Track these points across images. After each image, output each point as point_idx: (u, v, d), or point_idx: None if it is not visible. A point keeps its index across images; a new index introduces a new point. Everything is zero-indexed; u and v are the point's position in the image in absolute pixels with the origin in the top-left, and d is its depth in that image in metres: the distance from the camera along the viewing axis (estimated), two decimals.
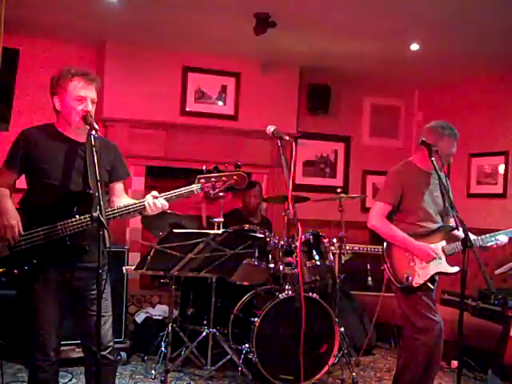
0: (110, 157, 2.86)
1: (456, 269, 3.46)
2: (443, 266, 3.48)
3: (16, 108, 4.63)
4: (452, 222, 3.58)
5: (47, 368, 2.73)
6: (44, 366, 2.73)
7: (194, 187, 2.81)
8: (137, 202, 2.76)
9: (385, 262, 3.54)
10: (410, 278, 3.42)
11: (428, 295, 3.49)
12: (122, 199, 2.90)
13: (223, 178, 2.83)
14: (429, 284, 3.45)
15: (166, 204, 2.76)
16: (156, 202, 2.73)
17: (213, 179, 2.81)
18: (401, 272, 3.47)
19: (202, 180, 2.81)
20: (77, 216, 2.65)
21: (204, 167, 2.85)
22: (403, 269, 3.47)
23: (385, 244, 3.56)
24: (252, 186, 5.29)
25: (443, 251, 3.50)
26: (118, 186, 2.95)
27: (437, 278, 3.55)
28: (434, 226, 3.54)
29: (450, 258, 3.53)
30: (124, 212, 2.74)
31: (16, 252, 2.62)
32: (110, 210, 2.72)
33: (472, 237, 3.30)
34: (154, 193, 2.77)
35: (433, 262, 3.46)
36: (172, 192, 2.79)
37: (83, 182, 2.73)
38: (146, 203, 2.73)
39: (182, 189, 2.79)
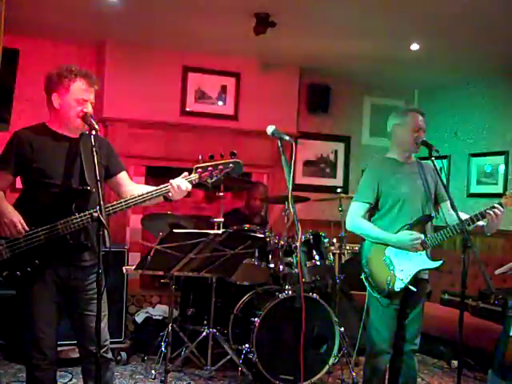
0: (104, 153, 2.85)
1: (438, 263, 3.27)
2: (424, 261, 3.28)
3: (16, 108, 4.62)
4: (447, 208, 3.38)
5: (45, 367, 2.74)
6: (42, 364, 2.73)
7: (192, 177, 2.81)
8: (158, 188, 2.77)
9: (363, 271, 3.35)
10: (391, 284, 3.23)
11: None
12: (134, 187, 2.91)
13: (220, 166, 2.84)
14: (410, 287, 3.23)
15: (190, 186, 2.78)
16: (180, 184, 2.74)
17: (210, 168, 2.82)
18: (381, 279, 3.28)
19: (200, 170, 2.82)
20: (76, 213, 2.65)
21: (200, 157, 2.85)
22: (382, 274, 3.28)
23: (361, 251, 3.42)
24: (256, 187, 5.29)
25: (422, 246, 3.28)
26: (123, 176, 2.94)
27: (426, 276, 3.38)
28: (412, 219, 3.30)
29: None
30: (146, 198, 2.74)
31: (17, 254, 2.61)
32: (129, 198, 2.72)
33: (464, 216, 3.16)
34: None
35: (413, 260, 3.27)
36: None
37: (80, 179, 2.72)
38: (170, 187, 2.74)
39: (178, 178, 2.79)
